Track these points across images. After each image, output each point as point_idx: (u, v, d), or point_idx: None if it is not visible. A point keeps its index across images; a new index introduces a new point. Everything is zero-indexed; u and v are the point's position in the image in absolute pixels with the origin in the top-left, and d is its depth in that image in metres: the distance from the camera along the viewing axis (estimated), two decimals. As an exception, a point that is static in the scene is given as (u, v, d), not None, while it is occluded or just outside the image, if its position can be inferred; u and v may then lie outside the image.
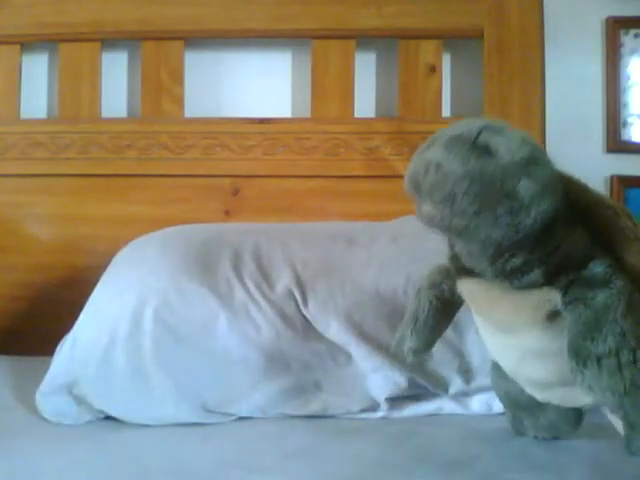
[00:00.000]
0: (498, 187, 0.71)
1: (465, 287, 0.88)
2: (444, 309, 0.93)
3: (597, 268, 0.77)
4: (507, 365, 0.91)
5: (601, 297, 0.76)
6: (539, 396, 0.90)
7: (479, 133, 0.73)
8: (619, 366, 0.73)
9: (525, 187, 0.71)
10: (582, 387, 0.75)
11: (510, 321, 0.84)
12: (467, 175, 0.71)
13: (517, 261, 0.79)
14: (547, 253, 0.78)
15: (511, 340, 0.85)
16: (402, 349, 0.94)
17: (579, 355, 0.75)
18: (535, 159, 0.73)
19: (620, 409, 0.77)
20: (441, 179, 0.72)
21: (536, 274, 0.79)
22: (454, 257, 0.88)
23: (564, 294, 0.78)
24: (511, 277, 0.80)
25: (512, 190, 0.71)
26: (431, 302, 0.91)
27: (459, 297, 0.90)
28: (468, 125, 0.75)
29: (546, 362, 0.84)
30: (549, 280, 0.79)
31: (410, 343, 0.92)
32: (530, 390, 0.91)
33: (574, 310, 0.77)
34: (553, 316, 0.80)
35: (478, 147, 0.73)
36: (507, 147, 0.72)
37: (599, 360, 0.74)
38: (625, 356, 0.73)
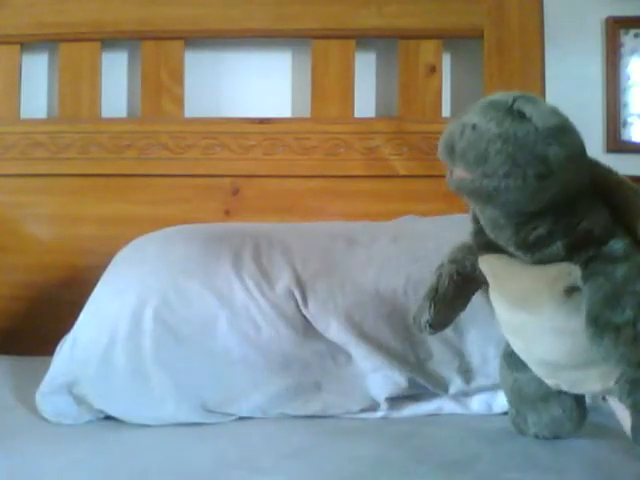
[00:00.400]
0: (530, 149, 0.74)
1: (486, 262, 0.90)
2: (464, 285, 0.95)
3: (617, 245, 0.80)
4: (520, 345, 0.92)
5: (620, 270, 0.78)
6: (549, 380, 0.91)
7: (515, 100, 0.76)
8: (636, 337, 0.75)
9: (555, 153, 0.74)
10: (599, 354, 0.77)
11: (528, 295, 0.85)
12: (501, 135, 0.74)
13: (541, 231, 0.80)
14: (570, 226, 0.80)
15: (527, 316, 0.86)
16: (419, 322, 0.96)
17: (597, 323, 0.77)
18: (566, 128, 0.77)
19: (629, 396, 0.78)
20: (476, 138, 0.75)
21: (558, 247, 0.81)
22: (477, 232, 0.89)
23: (584, 268, 0.80)
24: (533, 248, 0.82)
25: (542, 154, 0.74)
26: (451, 276, 0.94)
27: (480, 274, 0.92)
28: (504, 94, 0.79)
29: (560, 340, 0.85)
30: (570, 255, 0.81)
31: (427, 316, 0.94)
32: (540, 373, 0.91)
33: (594, 283, 0.79)
34: (570, 291, 0.82)
35: (513, 112, 0.76)
36: (541, 114, 0.75)
37: (617, 329, 0.75)
38: None
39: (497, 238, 0.85)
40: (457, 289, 0.94)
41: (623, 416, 0.85)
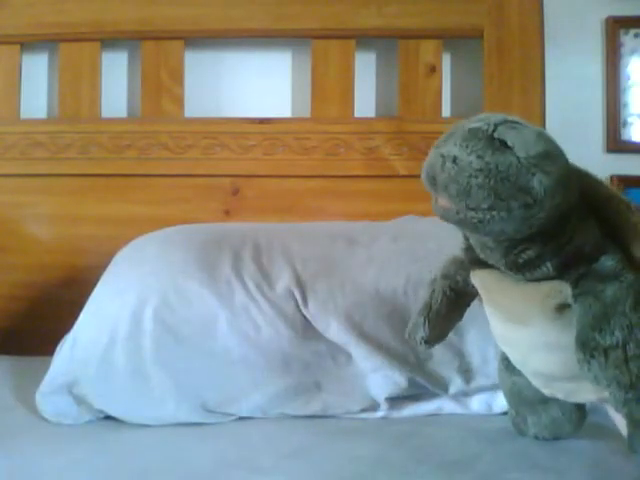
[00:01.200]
0: (513, 181, 0.72)
1: (478, 277, 0.89)
2: (457, 300, 0.94)
3: (608, 262, 0.78)
4: (515, 356, 0.92)
5: (610, 290, 0.77)
6: (545, 390, 0.90)
7: (496, 127, 0.74)
8: (625, 359, 0.74)
9: (539, 182, 0.72)
10: (588, 378, 0.76)
11: (520, 311, 0.85)
12: (483, 169, 0.72)
13: (530, 254, 0.79)
14: (560, 246, 0.79)
15: (520, 331, 0.86)
16: (414, 338, 0.95)
17: (586, 346, 0.76)
18: (550, 154, 0.74)
19: (625, 405, 0.78)
20: (457, 172, 0.74)
21: (548, 267, 0.80)
22: (468, 248, 0.89)
23: (575, 286, 0.79)
24: (524, 269, 0.81)
25: (526, 185, 0.72)
26: (445, 292, 0.93)
27: (472, 288, 0.91)
28: (485, 119, 0.76)
29: (553, 355, 0.84)
30: (561, 273, 0.80)
31: (422, 332, 0.94)
32: (536, 383, 0.91)
33: (583, 302, 0.78)
34: (562, 308, 0.81)
35: (494, 141, 0.74)
36: (523, 142, 0.73)
37: (606, 352, 0.75)
38: (632, 350, 0.74)
39: (487, 258, 0.85)
40: (451, 304, 0.94)
41: (621, 422, 0.85)
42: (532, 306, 0.83)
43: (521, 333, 0.86)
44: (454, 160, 0.74)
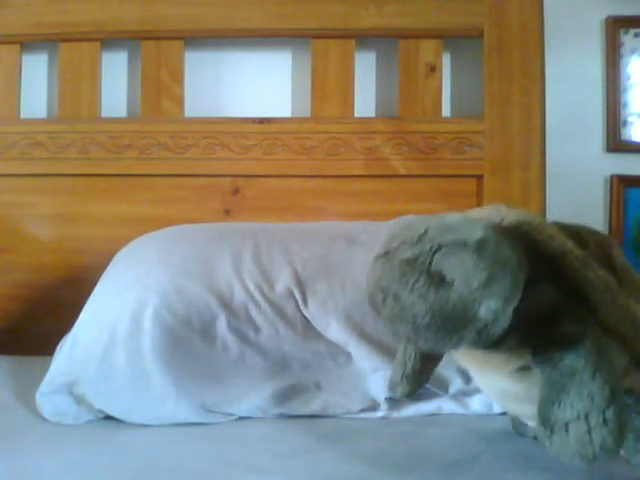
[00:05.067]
0: (460, 317, 0.71)
1: None
2: (430, 354, 0.95)
3: (564, 327, 0.76)
4: (493, 398, 0.94)
5: (568, 360, 0.74)
6: (530, 424, 0.91)
7: (432, 256, 0.72)
8: (588, 430, 0.72)
9: (487, 308, 0.71)
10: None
11: (485, 372, 0.86)
12: (427, 312, 0.71)
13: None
14: (518, 321, 0.76)
15: (490, 383, 0.88)
16: (395, 392, 0.99)
17: (546, 421, 0.74)
18: (493, 277, 0.71)
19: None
20: (401, 311, 0.73)
21: (509, 342, 0.78)
22: None
23: (534, 353, 0.77)
24: (486, 349, 0.79)
25: (474, 316, 0.71)
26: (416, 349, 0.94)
27: None
28: (420, 244, 0.73)
29: (525, 406, 0.85)
30: (521, 341, 0.78)
31: (402, 388, 0.97)
32: (521, 418, 0.93)
33: (543, 372, 0.76)
34: (526, 369, 0.80)
35: (434, 276, 0.71)
36: (463, 274, 0.71)
37: (567, 426, 0.73)
38: (594, 419, 0.72)
39: None
40: (425, 357, 0.95)
41: None
42: (495, 370, 0.83)
43: (492, 386, 0.88)
44: (395, 297, 0.73)
